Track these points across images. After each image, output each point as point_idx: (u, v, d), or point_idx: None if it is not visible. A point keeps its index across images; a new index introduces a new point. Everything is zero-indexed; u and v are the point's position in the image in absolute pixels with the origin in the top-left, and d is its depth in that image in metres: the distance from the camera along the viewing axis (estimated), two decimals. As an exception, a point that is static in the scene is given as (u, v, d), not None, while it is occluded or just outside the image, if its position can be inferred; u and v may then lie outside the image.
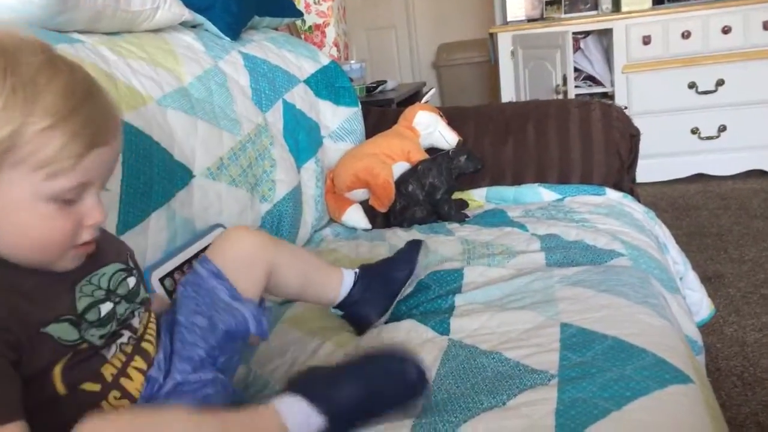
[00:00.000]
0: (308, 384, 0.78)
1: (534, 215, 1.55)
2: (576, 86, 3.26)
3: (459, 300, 1.12)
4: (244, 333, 0.86)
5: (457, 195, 1.74)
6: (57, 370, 0.68)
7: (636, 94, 3.23)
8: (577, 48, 3.42)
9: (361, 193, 1.72)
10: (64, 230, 0.68)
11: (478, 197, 1.77)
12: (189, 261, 1.16)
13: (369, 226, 1.70)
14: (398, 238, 1.49)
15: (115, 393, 0.73)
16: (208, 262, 0.90)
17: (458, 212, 1.64)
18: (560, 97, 2.83)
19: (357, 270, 1.11)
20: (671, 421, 0.73)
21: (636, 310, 0.97)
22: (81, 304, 0.71)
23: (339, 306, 1.09)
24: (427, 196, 1.66)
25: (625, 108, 3.05)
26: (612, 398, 0.76)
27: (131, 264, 0.81)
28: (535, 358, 0.88)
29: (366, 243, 1.56)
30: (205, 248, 1.17)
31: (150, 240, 1.13)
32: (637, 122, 1.89)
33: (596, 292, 1.03)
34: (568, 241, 1.33)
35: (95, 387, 0.71)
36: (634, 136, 1.83)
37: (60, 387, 0.68)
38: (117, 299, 0.76)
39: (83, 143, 0.65)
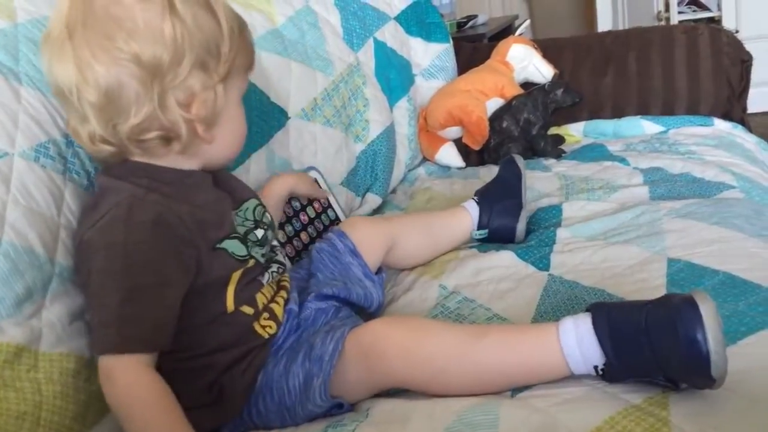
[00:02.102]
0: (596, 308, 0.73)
1: (636, 149, 1.48)
2: (679, 12, 3.07)
3: (560, 234, 1.09)
4: (366, 308, 0.95)
5: (553, 130, 1.68)
6: (231, 289, 0.78)
7: (747, 17, 3.00)
8: (680, -31, 3.20)
9: (454, 131, 1.70)
10: (246, 125, 0.86)
11: (575, 132, 1.70)
12: (288, 202, 1.18)
13: (463, 164, 1.68)
14: (492, 175, 1.46)
15: (265, 315, 0.82)
16: (345, 237, 0.99)
17: (554, 148, 1.59)
18: (662, 24, 2.67)
19: (474, 197, 1.17)
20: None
21: (750, 244, 0.93)
22: (240, 229, 0.82)
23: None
24: (522, 132, 1.62)
25: (736, 32, 2.85)
26: (725, 334, 0.72)
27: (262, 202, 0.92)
28: (640, 294, 0.86)
29: (460, 181, 1.55)
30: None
31: (252, 181, 1.15)
32: (748, 47, 1.76)
33: (707, 225, 0.99)
34: (673, 174, 1.27)
35: (250, 311, 0.81)
36: (745, 62, 1.71)
37: (230, 304, 0.79)
38: (265, 227, 0.87)
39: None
